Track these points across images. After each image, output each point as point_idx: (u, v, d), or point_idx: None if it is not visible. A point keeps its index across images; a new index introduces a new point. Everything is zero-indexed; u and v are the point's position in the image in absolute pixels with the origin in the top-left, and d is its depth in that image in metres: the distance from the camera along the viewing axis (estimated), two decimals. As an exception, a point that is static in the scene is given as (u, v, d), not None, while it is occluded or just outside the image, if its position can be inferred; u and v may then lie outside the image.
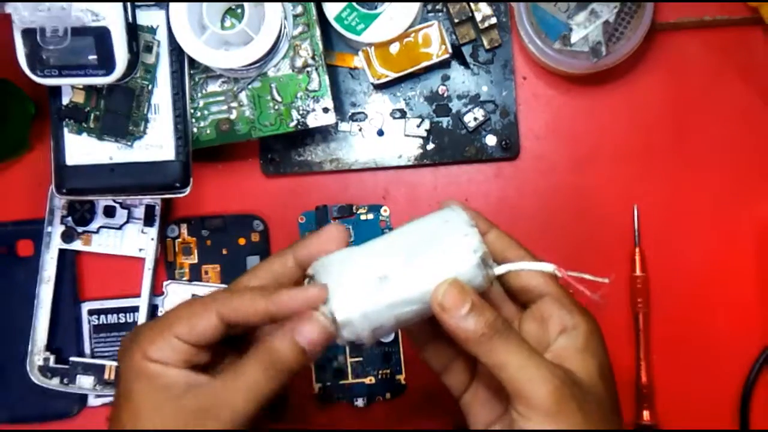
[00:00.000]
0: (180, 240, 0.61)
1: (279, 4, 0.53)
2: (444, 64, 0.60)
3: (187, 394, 0.40)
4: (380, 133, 0.61)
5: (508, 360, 0.40)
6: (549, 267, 0.42)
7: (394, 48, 0.58)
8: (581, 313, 0.42)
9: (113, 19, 0.52)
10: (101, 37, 0.52)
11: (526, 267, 0.42)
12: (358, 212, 0.61)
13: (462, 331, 0.40)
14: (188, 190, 0.56)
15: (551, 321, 0.42)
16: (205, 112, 0.57)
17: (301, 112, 0.57)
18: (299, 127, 0.57)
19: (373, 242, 0.42)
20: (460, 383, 0.46)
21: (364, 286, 0.40)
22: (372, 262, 0.41)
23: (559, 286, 0.43)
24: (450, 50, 0.58)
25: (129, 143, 0.56)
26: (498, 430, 0.44)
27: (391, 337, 0.60)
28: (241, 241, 0.61)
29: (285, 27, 0.55)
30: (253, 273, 0.44)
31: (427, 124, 0.60)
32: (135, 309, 0.60)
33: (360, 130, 0.61)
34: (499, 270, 0.42)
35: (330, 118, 0.57)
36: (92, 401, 0.61)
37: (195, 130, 0.57)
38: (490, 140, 0.60)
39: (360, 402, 0.60)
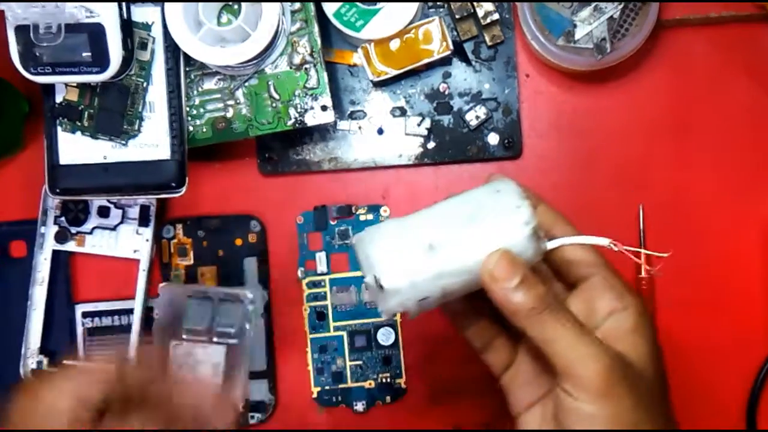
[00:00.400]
0: (175, 241, 0.60)
1: (276, 0, 0.53)
2: (445, 61, 0.59)
3: None
4: (380, 131, 0.60)
5: (558, 336, 0.39)
6: (604, 241, 0.41)
7: (394, 44, 0.57)
8: (632, 294, 0.42)
9: (107, 15, 0.52)
10: (95, 34, 0.52)
11: (580, 241, 0.42)
12: (358, 212, 0.60)
13: (512, 303, 0.39)
14: (184, 189, 0.55)
15: (601, 302, 0.42)
16: (201, 110, 0.57)
17: (299, 110, 0.56)
18: (297, 125, 0.56)
19: (420, 213, 0.42)
20: (501, 362, 0.45)
21: (412, 255, 0.40)
22: (420, 232, 0.40)
23: (608, 265, 0.43)
24: (451, 47, 0.58)
25: (123, 142, 0.55)
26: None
27: (392, 339, 0.59)
28: (238, 242, 0.60)
29: (282, 23, 0.54)
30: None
31: (427, 123, 0.60)
32: (129, 311, 0.59)
33: (359, 128, 0.60)
34: (552, 244, 0.41)
35: (329, 117, 0.56)
36: (86, 405, 0.60)
37: (191, 128, 0.57)
38: (492, 139, 0.60)
39: (359, 406, 0.59)
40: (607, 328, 0.41)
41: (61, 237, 0.60)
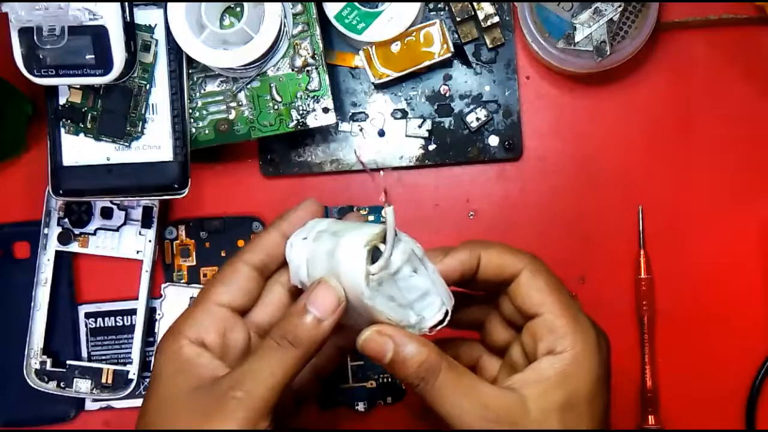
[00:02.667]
0: (178, 242, 0.60)
1: (279, 2, 0.53)
2: (446, 64, 0.59)
3: (213, 382, 0.40)
4: (381, 133, 0.60)
5: (440, 403, 0.40)
6: (389, 210, 0.39)
7: (396, 47, 0.58)
8: (574, 337, 0.41)
9: (111, 17, 0.52)
10: (98, 36, 0.52)
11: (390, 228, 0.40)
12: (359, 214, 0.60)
13: (397, 375, 0.40)
14: (186, 191, 0.55)
15: (540, 343, 0.41)
16: (204, 112, 0.57)
17: (300, 112, 0.56)
18: (299, 127, 0.56)
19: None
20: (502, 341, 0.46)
21: None
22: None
23: (559, 303, 0.42)
24: (452, 49, 0.58)
25: (126, 144, 0.55)
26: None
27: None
28: (240, 243, 0.60)
29: (285, 26, 0.55)
30: (246, 250, 0.44)
31: (428, 125, 0.60)
32: (132, 312, 0.60)
33: (361, 130, 0.60)
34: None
35: (330, 119, 0.56)
36: (89, 405, 0.60)
37: (193, 130, 0.57)
38: (493, 141, 0.60)
39: (361, 406, 0.59)
40: (531, 369, 0.41)
41: (65, 238, 0.60)
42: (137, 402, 0.60)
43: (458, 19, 0.59)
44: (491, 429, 0.39)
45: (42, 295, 0.59)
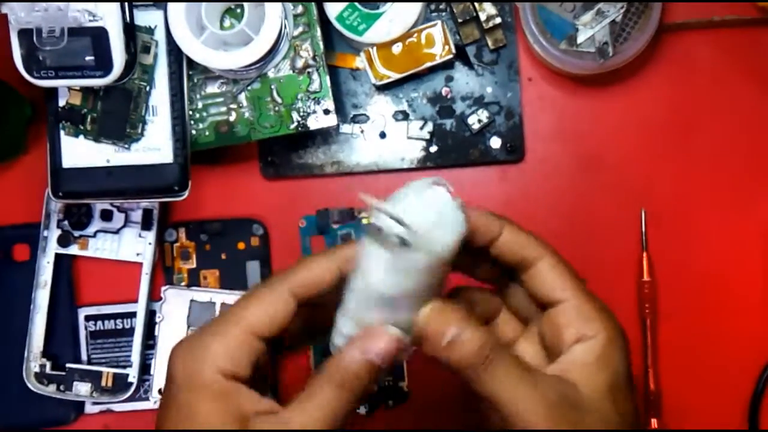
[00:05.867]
0: (178, 244, 0.60)
1: (279, 3, 0.53)
2: (447, 65, 0.59)
3: (258, 419, 0.37)
4: (382, 135, 0.60)
5: (498, 388, 0.38)
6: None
7: (397, 48, 0.57)
8: (602, 321, 0.40)
9: (110, 19, 0.51)
10: (98, 37, 0.52)
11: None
12: (360, 216, 0.60)
13: (447, 361, 0.38)
14: (186, 193, 0.55)
15: (568, 330, 0.40)
16: (204, 114, 0.57)
17: (301, 113, 0.56)
18: (300, 129, 0.56)
19: None
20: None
21: None
22: None
23: (582, 289, 0.41)
24: (454, 51, 0.58)
25: (126, 146, 0.55)
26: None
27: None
28: (241, 246, 0.60)
29: (285, 27, 0.54)
30: (297, 281, 0.40)
31: (430, 126, 0.60)
32: (132, 315, 0.60)
33: (362, 132, 0.60)
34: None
35: (331, 120, 0.56)
36: (89, 408, 0.60)
37: (193, 132, 0.57)
38: (495, 142, 0.60)
39: (362, 409, 0.59)
40: (567, 357, 0.40)
41: (64, 240, 0.60)
42: (137, 405, 0.60)
43: (460, 20, 0.58)
44: (554, 414, 0.37)
45: (41, 298, 0.59)
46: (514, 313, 0.44)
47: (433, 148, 0.60)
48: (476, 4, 0.58)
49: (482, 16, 0.58)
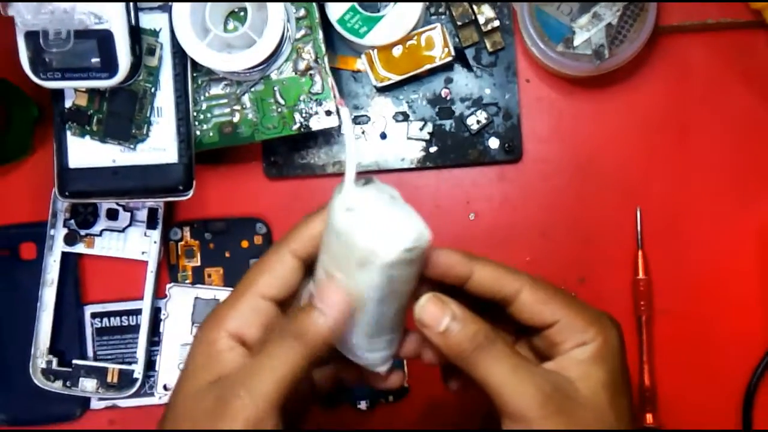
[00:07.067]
0: (183, 243, 0.61)
1: (282, 6, 0.53)
2: (447, 67, 0.60)
3: (226, 378, 0.39)
4: (383, 136, 0.61)
5: (493, 372, 0.38)
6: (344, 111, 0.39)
7: (397, 51, 0.58)
8: (597, 326, 0.41)
9: (116, 21, 0.52)
10: (104, 40, 0.52)
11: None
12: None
13: (444, 346, 0.39)
14: (191, 193, 0.56)
15: (563, 345, 0.40)
16: (208, 115, 0.57)
17: (304, 114, 0.57)
18: (302, 129, 0.57)
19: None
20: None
21: None
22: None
23: (570, 305, 0.41)
24: (453, 53, 0.58)
25: (132, 146, 0.56)
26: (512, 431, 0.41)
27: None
28: (244, 244, 0.61)
29: (288, 30, 0.55)
30: (291, 239, 0.42)
31: (429, 127, 0.60)
32: (138, 312, 0.60)
33: (363, 133, 0.61)
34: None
35: (333, 121, 0.57)
36: (95, 404, 0.61)
37: (198, 132, 0.57)
38: (493, 143, 0.60)
39: (363, 405, 0.60)
40: (565, 356, 0.40)
41: (71, 239, 0.60)
42: (142, 401, 0.60)
43: (459, 23, 0.59)
44: (548, 403, 0.38)
45: (48, 296, 0.60)
46: (504, 329, 0.44)
47: (433, 149, 0.61)
48: (475, 8, 0.59)
49: (481, 20, 0.59)
